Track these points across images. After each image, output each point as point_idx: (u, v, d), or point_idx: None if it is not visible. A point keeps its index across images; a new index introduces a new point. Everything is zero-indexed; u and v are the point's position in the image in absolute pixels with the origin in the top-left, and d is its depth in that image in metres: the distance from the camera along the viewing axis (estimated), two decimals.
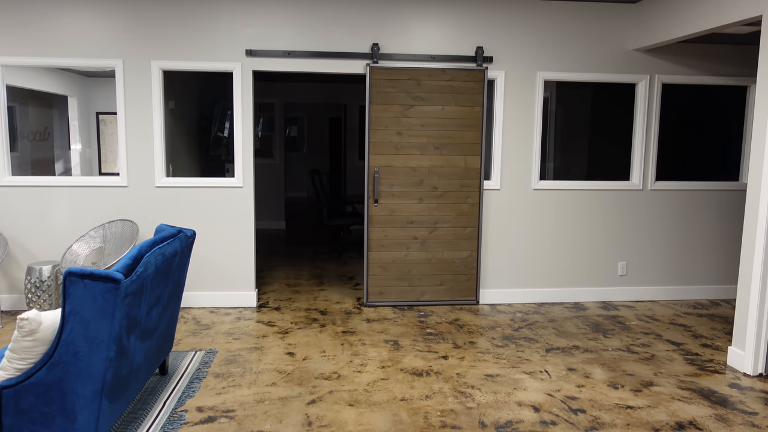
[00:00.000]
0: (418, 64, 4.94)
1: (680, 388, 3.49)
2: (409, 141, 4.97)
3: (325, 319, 4.74)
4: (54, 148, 7.73)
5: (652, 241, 5.37)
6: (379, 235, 5.03)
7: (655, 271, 5.41)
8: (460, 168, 5.03)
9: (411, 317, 4.81)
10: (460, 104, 4.97)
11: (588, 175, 6.32)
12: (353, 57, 4.87)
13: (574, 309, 5.11)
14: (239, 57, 4.82)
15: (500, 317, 4.84)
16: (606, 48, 5.12)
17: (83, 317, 2.34)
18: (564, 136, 7.28)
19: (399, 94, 4.92)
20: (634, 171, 5.30)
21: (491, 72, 5.03)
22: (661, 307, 5.22)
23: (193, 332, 4.37)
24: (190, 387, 3.38)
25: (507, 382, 3.54)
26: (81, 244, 4.73)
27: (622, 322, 4.77)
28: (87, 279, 2.31)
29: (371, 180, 4.96)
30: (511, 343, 4.23)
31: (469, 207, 5.08)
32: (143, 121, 4.82)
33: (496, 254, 5.23)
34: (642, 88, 5.19)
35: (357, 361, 3.84)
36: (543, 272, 5.30)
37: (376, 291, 5.09)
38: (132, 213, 4.88)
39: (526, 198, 5.20)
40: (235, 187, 4.95)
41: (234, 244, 5.00)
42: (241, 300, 5.03)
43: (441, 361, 3.87)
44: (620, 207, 5.30)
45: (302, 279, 6.04)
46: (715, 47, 5.21)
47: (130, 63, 4.75)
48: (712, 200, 5.38)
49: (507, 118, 5.10)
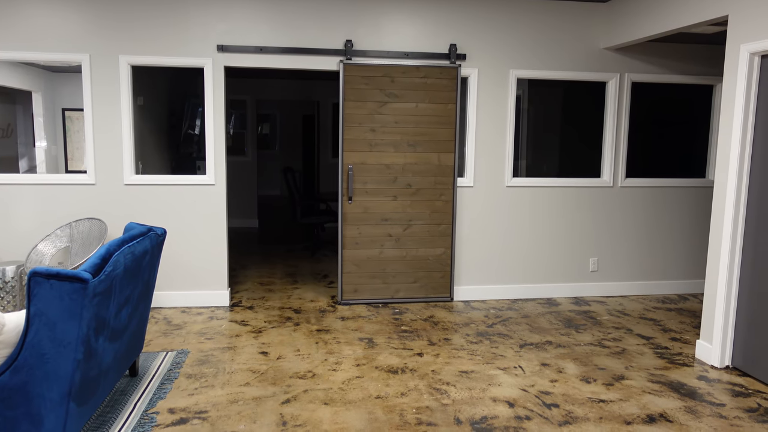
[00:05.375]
0: (391, 61, 4.92)
1: (651, 381, 3.55)
2: (383, 138, 4.95)
3: (299, 317, 4.70)
4: (18, 146, 7.50)
5: (623, 237, 5.46)
6: (353, 233, 5.01)
7: (626, 267, 5.50)
8: (434, 165, 5.04)
9: (386, 315, 4.80)
10: (434, 101, 4.97)
11: (560, 173, 6.40)
12: (326, 53, 4.84)
13: (547, 305, 5.17)
14: (210, 52, 4.74)
15: (474, 314, 4.86)
16: (577, 46, 5.18)
17: (49, 319, 2.26)
18: (536, 134, 7.35)
19: (373, 91, 4.90)
20: (604, 168, 5.38)
21: (465, 69, 5.05)
22: (631, 302, 5.31)
23: (164, 332, 4.29)
24: (161, 388, 3.31)
25: (482, 378, 3.55)
26: (47, 244, 4.60)
27: (593, 317, 4.83)
28: (53, 279, 2.24)
29: (345, 177, 4.93)
30: (486, 339, 4.26)
31: (443, 204, 5.09)
32: (111, 118, 4.71)
33: (470, 251, 5.25)
34: (612, 86, 5.27)
35: (332, 360, 3.81)
36: (516, 269, 5.34)
37: (351, 289, 5.06)
38: (100, 211, 4.77)
39: (500, 195, 5.23)
40: (207, 185, 4.87)
41: (206, 243, 4.92)
42: (214, 299, 4.96)
43: (416, 358, 3.87)
44: (591, 204, 5.38)
45: (276, 277, 5.98)
46: (684, 47, 5.32)
47: (98, 58, 4.63)
48: (680, 197, 5.49)
49: (480, 116, 5.12)
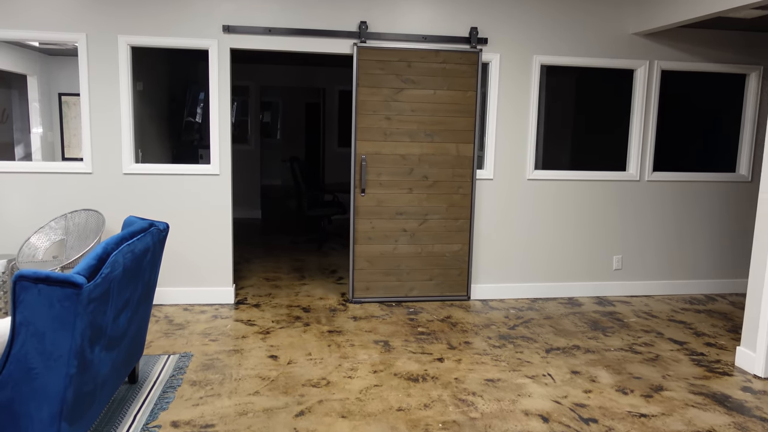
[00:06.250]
0: (408, 45, 4.61)
1: (692, 393, 3.29)
2: (399, 127, 4.65)
3: (309, 317, 4.43)
4: (14, 132, 7.23)
5: (649, 234, 5.17)
6: (365, 227, 4.72)
7: (651, 265, 5.23)
8: (452, 156, 4.75)
9: (400, 314, 4.53)
10: (452, 88, 4.67)
11: (580, 166, 6.11)
12: (339, 35, 4.53)
13: (569, 305, 4.90)
14: (216, 33, 4.43)
15: (494, 314, 4.59)
16: (605, 32, 4.87)
17: (37, 328, 1.99)
18: (555, 124, 7.06)
19: (388, 77, 4.60)
20: (631, 161, 5.09)
21: (486, 55, 4.74)
22: (657, 302, 5.04)
23: (165, 333, 4.01)
24: (163, 398, 3.04)
25: (510, 388, 3.28)
26: (40, 236, 4.32)
27: (620, 319, 4.56)
28: (41, 284, 1.96)
29: (358, 168, 4.64)
30: (509, 342, 3.99)
31: (461, 198, 4.80)
32: (109, 102, 4.40)
33: (488, 248, 4.97)
34: (641, 74, 4.96)
35: (346, 365, 3.54)
36: (536, 266, 5.07)
37: (363, 286, 4.78)
38: (97, 202, 4.48)
39: (521, 188, 4.94)
40: (212, 175, 4.58)
41: (210, 237, 4.63)
42: (218, 296, 4.68)
43: (437, 364, 3.60)
44: (616, 198, 5.09)
45: (282, 272, 5.71)
46: (719, 33, 5.00)
47: (95, 37, 4.32)
48: (710, 192, 5.20)
49: (501, 104, 4.82)
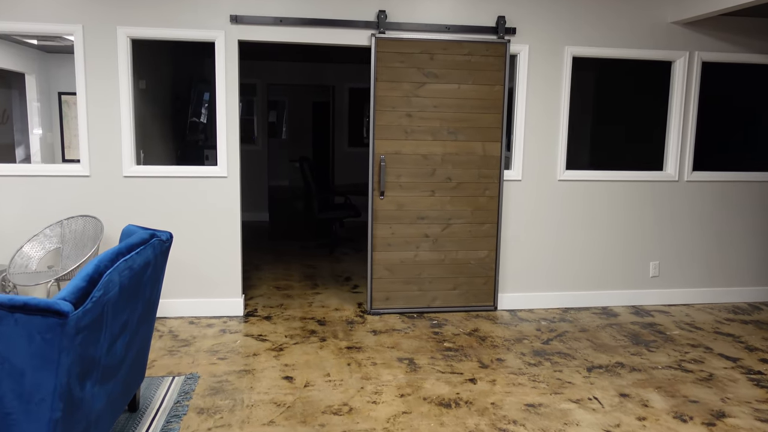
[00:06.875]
0: (431, 36, 4.27)
1: (759, 420, 2.93)
2: (420, 124, 4.31)
3: (325, 330, 4.09)
4: (14, 133, 6.96)
5: (688, 238, 4.81)
6: (385, 233, 4.38)
7: (690, 272, 4.86)
8: (478, 156, 4.40)
9: (423, 327, 4.18)
10: (478, 82, 4.32)
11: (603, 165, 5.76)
12: (356, 26, 4.19)
13: (604, 315, 4.54)
14: (222, 24, 4.09)
15: (524, 326, 4.24)
16: (641, 20, 4.51)
17: (14, 366, 1.65)
18: (584, 121, 6.70)
19: (409, 70, 4.25)
20: (669, 160, 4.73)
21: (514, 46, 4.39)
22: (699, 312, 4.68)
23: (169, 350, 3.68)
24: (166, 429, 2.70)
25: (554, 415, 2.94)
26: (34, 245, 3.99)
27: (662, 331, 4.21)
28: (18, 312, 1.62)
29: (377, 169, 4.30)
30: (545, 360, 3.64)
31: (487, 200, 4.45)
32: (108, 100, 4.07)
33: (516, 254, 4.62)
34: (680, 66, 4.60)
35: (370, 388, 3.20)
36: (567, 274, 4.71)
37: (382, 296, 4.44)
38: (95, 207, 4.15)
39: (551, 190, 4.59)
40: (219, 177, 4.25)
41: (217, 244, 4.30)
42: (226, 308, 4.35)
43: (469, 385, 3.25)
44: (653, 200, 4.73)
45: (293, 280, 5.37)
46: (765, 21, 4.64)
47: (92, 29, 3.99)
48: (753, 192, 4.84)
49: (530, 99, 4.47)
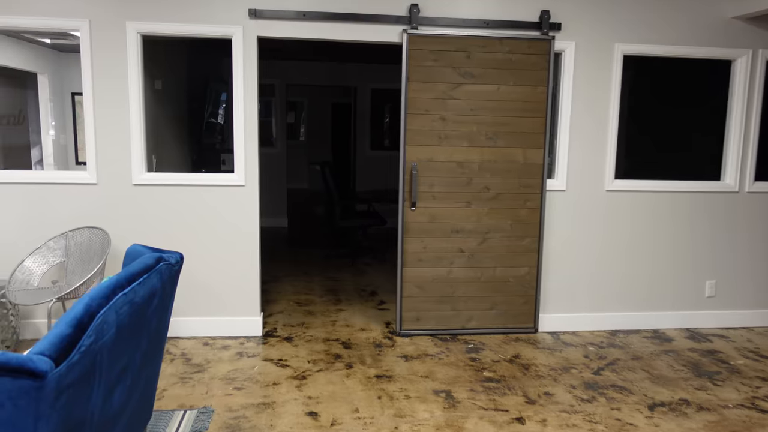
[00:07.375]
0: (468, 32, 3.89)
1: None
2: (456, 129, 3.93)
3: (351, 355, 3.72)
4: (30, 134, 6.76)
5: (748, 255, 4.38)
6: (416, 247, 4.01)
7: (750, 292, 4.43)
8: (519, 164, 4.01)
9: (458, 352, 3.80)
10: (519, 83, 3.94)
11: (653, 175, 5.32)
12: (385, 21, 3.82)
13: (657, 340, 4.12)
14: (240, 19, 3.75)
15: (570, 352, 3.85)
16: (699, 15, 4.09)
17: None
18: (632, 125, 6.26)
19: (444, 70, 3.88)
20: (727, 169, 4.30)
21: (559, 43, 4.00)
22: (761, 337, 4.24)
23: (181, 377, 3.34)
24: None
25: None
26: (36, 259, 3.68)
27: (724, 360, 3.78)
28: None
29: (408, 178, 3.93)
30: (599, 394, 3.24)
31: (528, 212, 4.07)
32: (117, 100, 3.75)
33: (559, 271, 4.22)
34: (741, 65, 4.18)
35: (404, 427, 2.83)
36: (614, 293, 4.30)
37: (412, 317, 4.07)
38: (102, 218, 3.83)
39: (598, 201, 4.19)
40: (236, 186, 3.91)
41: (234, 259, 3.96)
42: (243, 327, 4.00)
43: (517, 426, 2.87)
44: (709, 213, 4.30)
45: (314, 294, 5.01)
46: None
47: (100, 25, 3.67)
48: None
49: (576, 102, 4.07)
